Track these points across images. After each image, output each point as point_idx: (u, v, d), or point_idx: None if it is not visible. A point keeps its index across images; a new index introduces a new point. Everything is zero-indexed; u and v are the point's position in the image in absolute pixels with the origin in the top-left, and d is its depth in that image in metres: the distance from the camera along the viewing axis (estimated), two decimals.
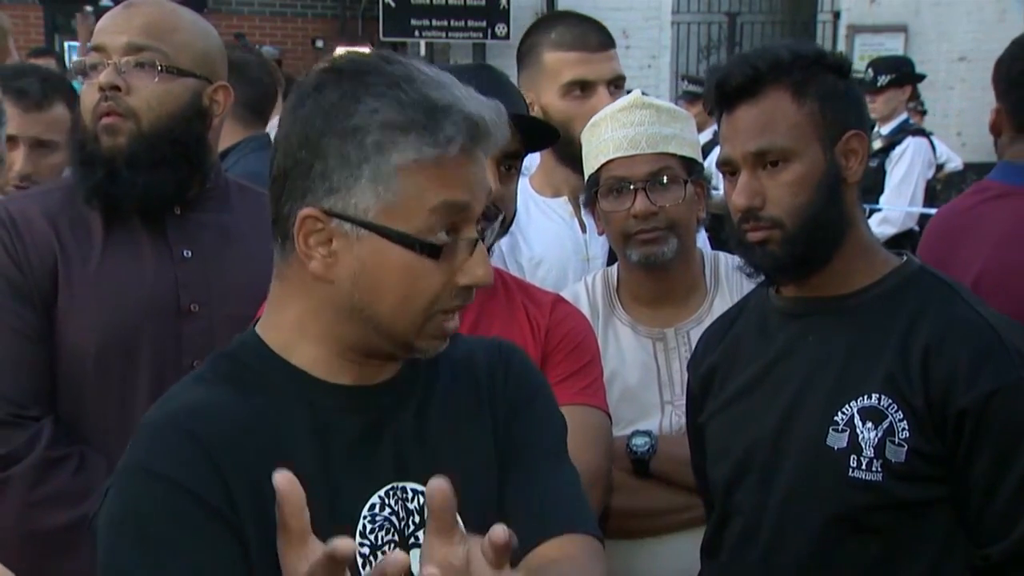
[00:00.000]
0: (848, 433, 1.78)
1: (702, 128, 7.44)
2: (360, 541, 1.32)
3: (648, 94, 2.55)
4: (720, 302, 2.36)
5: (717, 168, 1.94)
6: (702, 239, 2.75)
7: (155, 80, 2.06)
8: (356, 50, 1.38)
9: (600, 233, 2.47)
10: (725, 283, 2.41)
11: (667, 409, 2.31)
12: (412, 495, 1.37)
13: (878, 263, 1.89)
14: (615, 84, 2.77)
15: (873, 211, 6.16)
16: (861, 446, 1.76)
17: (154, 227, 2.13)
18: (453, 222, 1.31)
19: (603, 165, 2.34)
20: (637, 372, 2.34)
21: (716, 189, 3.55)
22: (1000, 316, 1.82)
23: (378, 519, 1.34)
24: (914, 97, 8.39)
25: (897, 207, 6.25)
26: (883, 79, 6.52)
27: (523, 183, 2.85)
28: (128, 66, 2.05)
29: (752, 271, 1.91)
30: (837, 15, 13.04)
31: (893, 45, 12.22)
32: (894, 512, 1.77)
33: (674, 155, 2.31)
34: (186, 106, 2.10)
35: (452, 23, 11.98)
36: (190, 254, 2.13)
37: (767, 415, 1.89)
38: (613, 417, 2.09)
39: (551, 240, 2.73)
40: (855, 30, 12.86)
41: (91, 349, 2.05)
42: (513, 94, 2.15)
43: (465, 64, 8.03)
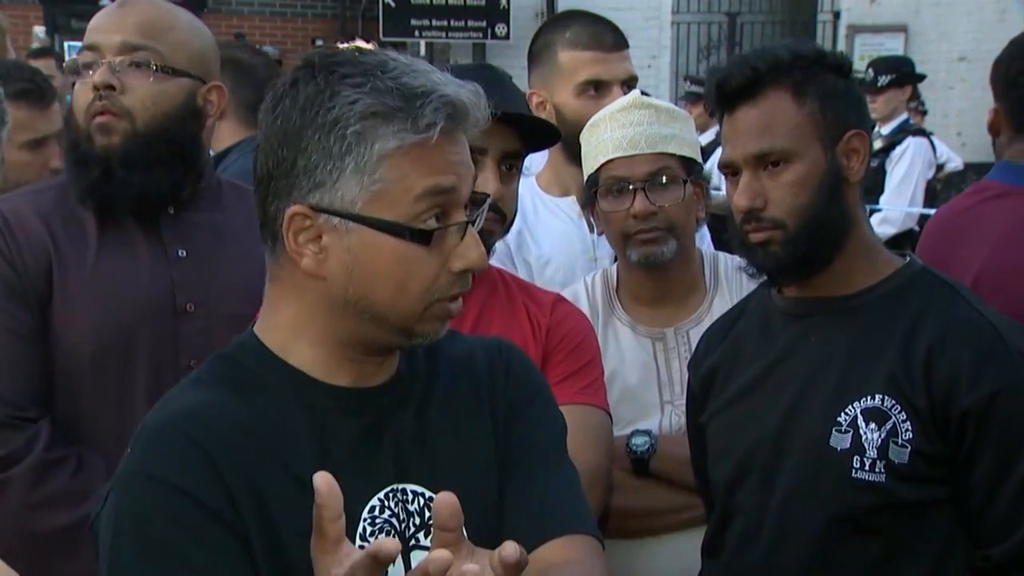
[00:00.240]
0: (851, 434, 1.77)
1: (705, 129, 7.44)
2: (359, 544, 1.31)
3: (648, 94, 2.55)
4: (720, 302, 2.36)
5: (719, 169, 1.94)
6: (706, 240, 2.75)
7: (150, 79, 2.04)
8: (335, 46, 1.37)
9: (599, 233, 2.46)
10: (725, 283, 2.41)
11: (667, 409, 2.31)
12: (412, 497, 1.36)
13: (880, 263, 1.89)
14: (628, 84, 2.77)
15: (873, 211, 6.16)
16: (864, 447, 1.76)
17: (148, 227, 2.11)
18: (441, 207, 1.30)
19: (602, 165, 2.34)
20: (637, 372, 2.34)
21: (717, 189, 3.56)
22: (1002, 316, 1.82)
23: (378, 521, 1.34)
24: (914, 97, 8.39)
25: (897, 207, 6.25)
26: (883, 79, 6.52)
27: (531, 182, 2.86)
28: (123, 65, 2.03)
29: (755, 272, 1.91)
30: (837, 15, 13.03)
31: (893, 45, 12.22)
32: (896, 513, 1.77)
33: (673, 155, 2.31)
34: (181, 106, 2.08)
35: (452, 23, 11.97)
36: (185, 254, 2.11)
37: (769, 415, 1.89)
38: (613, 417, 2.09)
39: (559, 239, 2.73)
40: (855, 30, 12.86)
41: (88, 349, 2.03)
42: (514, 93, 2.15)
43: (466, 64, 8.05)
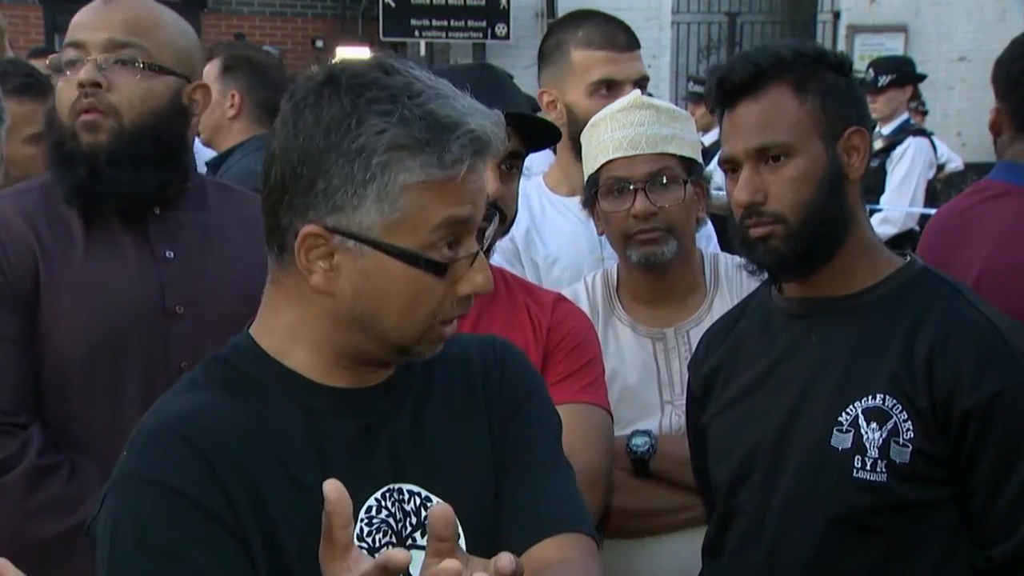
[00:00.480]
0: (852, 434, 1.77)
1: (708, 130, 7.42)
2: (357, 544, 1.31)
3: (649, 94, 2.55)
4: (720, 302, 2.36)
5: (719, 166, 1.93)
6: (712, 241, 2.75)
7: (137, 77, 2.00)
8: (354, 57, 1.36)
9: (600, 233, 2.46)
10: (725, 283, 2.41)
11: (667, 409, 2.31)
12: (409, 496, 1.36)
13: (881, 263, 1.89)
14: (640, 84, 2.77)
15: (874, 211, 6.16)
16: (865, 447, 1.76)
17: (135, 227, 2.06)
18: (456, 235, 1.31)
19: (603, 165, 2.33)
20: (637, 372, 2.34)
21: (720, 190, 3.55)
22: (1003, 317, 1.81)
23: (375, 521, 1.34)
24: (915, 97, 8.39)
25: (898, 207, 6.25)
26: (884, 79, 6.52)
27: (538, 181, 2.85)
28: (109, 63, 1.99)
29: (755, 269, 1.90)
30: (837, 15, 13.03)
31: (893, 45, 12.21)
32: (897, 513, 1.76)
33: (674, 155, 2.31)
34: (167, 104, 2.04)
35: (452, 23, 11.97)
36: (172, 254, 2.06)
37: (770, 416, 1.88)
38: (613, 417, 2.09)
39: (566, 239, 2.72)
40: (855, 30, 12.85)
41: (77, 352, 1.97)
42: (514, 94, 2.15)
43: (466, 64, 8.04)
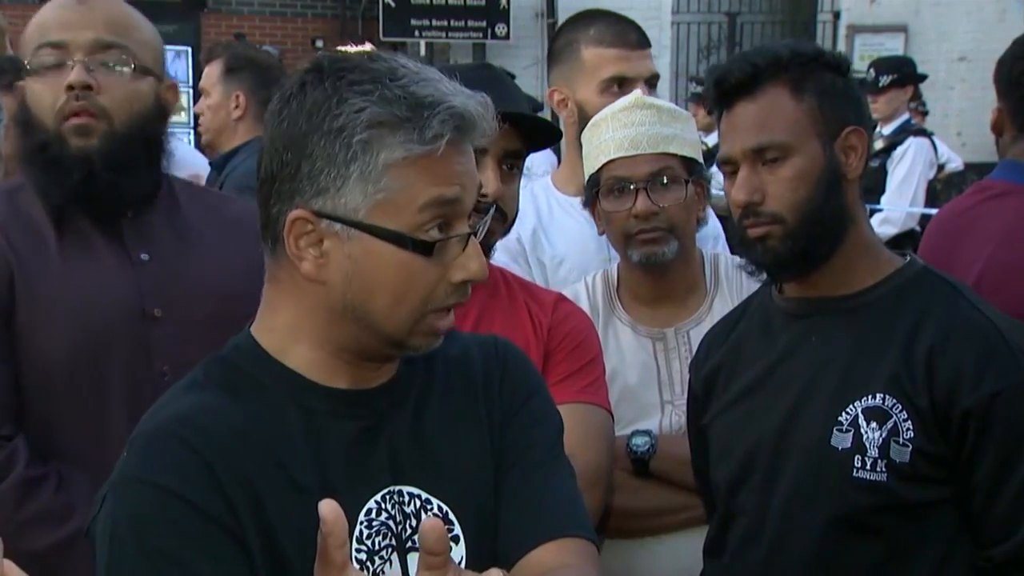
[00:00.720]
0: (852, 433, 1.77)
1: (710, 131, 7.41)
2: (356, 547, 1.31)
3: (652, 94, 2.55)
4: (720, 302, 2.36)
5: (718, 167, 1.93)
6: (721, 241, 2.74)
7: (127, 79, 1.97)
8: (344, 49, 1.37)
9: (600, 233, 2.46)
10: (725, 283, 2.41)
11: (667, 409, 2.31)
12: (409, 499, 1.36)
13: (881, 263, 1.89)
14: (650, 83, 2.78)
15: (874, 211, 6.16)
16: (865, 446, 1.76)
17: (108, 230, 2.00)
18: (445, 217, 1.30)
19: (604, 165, 2.33)
20: (637, 372, 2.34)
21: (722, 190, 3.54)
22: (1004, 317, 1.81)
23: (375, 524, 1.33)
24: (916, 97, 8.39)
25: (898, 207, 6.25)
26: (885, 79, 6.52)
27: (546, 181, 2.86)
28: (97, 64, 1.94)
29: (754, 269, 1.90)
30: (837, 15, 13.03)
31: (893, 45, 12.22)
32: (897, 513, 1.76)
33: (675, 155, 2.31)
34: (151, 105, 2.01)
35: (452, 23, 11.97)
36: (148, 257, 2.01)
37: (770, 416, 1.88)
38: (613, 417, 2.09)
39: (574, 239, 2.72)
40: (855, 30, 12.86)
41: (58, 360, 1.91)
42: (515, 93, 2.15)
43: (466, 63, 8.04)
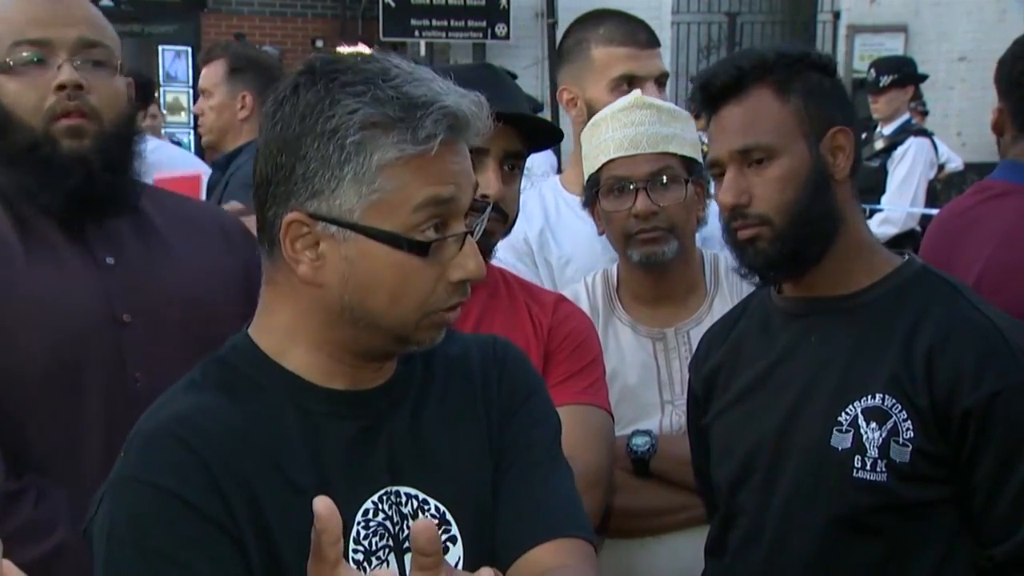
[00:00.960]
0: (852, 433, 1.77)
1: None
2: (354, 547, 1.31)
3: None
4: (720, 302, 2.36)
5: (706, 171, 1.94)
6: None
7: (113, 78, 1.94)
8: (342, 50, 1.37)
9: (600, 233, 2.46)
10: (725, 283, 2.41)
11: (667, 409, 2.31)
12: (406, 499, 1.35)
13: (879, 262, 1.88)
14: (660, 81, 2.78)
15: (874, 211, 6.17)
16: (865, 446, 1.76)
17: (72, 235, 1.92)
18: (440, 217, 1.30)
19: (604, 165, 2.33)
20: (637, 372, 2.34)
21: None
22: (1004, 316, 1.81)
23: (372, 524, 1.33)
24: (916, 97, 8.40)
25: (899, 207, 6.26)
26: (885, 79, 6.53)
27: (554, 181, 2.86)
28: (84, 63, 1.89)
29: (745, 271, 1.90)
30: (837, 15, 13.03)
31: (893, 45, 12.22)
32: (898, 513, 1.76)
33: (675, 155, 2.31)
34: (129, 104, 1.98)
35: (452, 23, 11.97)
36: (113, 261, 1.94)
37: (770, 416, 1.88)
38: (614, 417, 2.09)
39: (581, 240, 2.71)
40: (855, 30, 12.86)
41: (30, 370, 1.83)
42: (515, 93, 2.15)
43: (466, 64, 8.04)
